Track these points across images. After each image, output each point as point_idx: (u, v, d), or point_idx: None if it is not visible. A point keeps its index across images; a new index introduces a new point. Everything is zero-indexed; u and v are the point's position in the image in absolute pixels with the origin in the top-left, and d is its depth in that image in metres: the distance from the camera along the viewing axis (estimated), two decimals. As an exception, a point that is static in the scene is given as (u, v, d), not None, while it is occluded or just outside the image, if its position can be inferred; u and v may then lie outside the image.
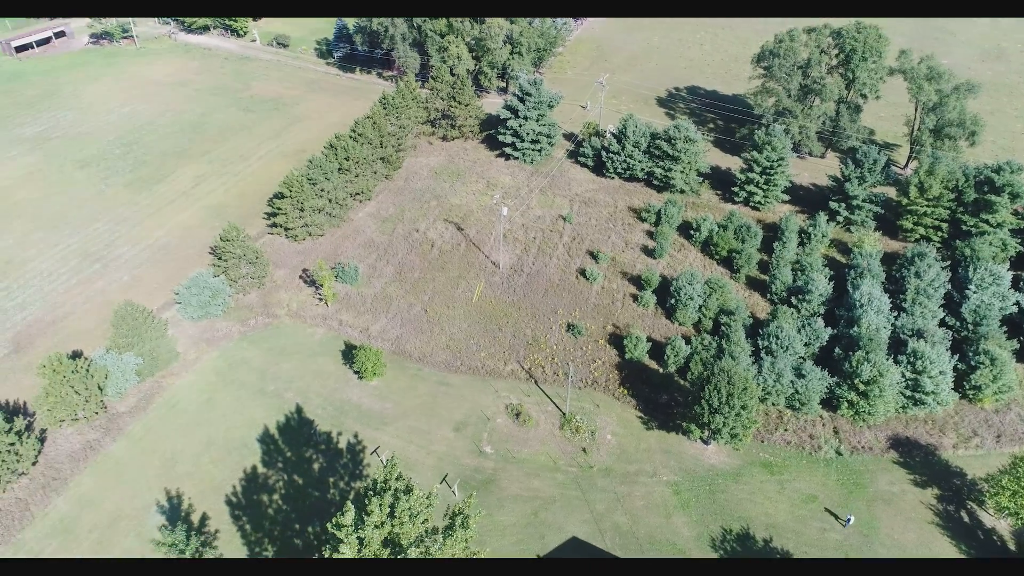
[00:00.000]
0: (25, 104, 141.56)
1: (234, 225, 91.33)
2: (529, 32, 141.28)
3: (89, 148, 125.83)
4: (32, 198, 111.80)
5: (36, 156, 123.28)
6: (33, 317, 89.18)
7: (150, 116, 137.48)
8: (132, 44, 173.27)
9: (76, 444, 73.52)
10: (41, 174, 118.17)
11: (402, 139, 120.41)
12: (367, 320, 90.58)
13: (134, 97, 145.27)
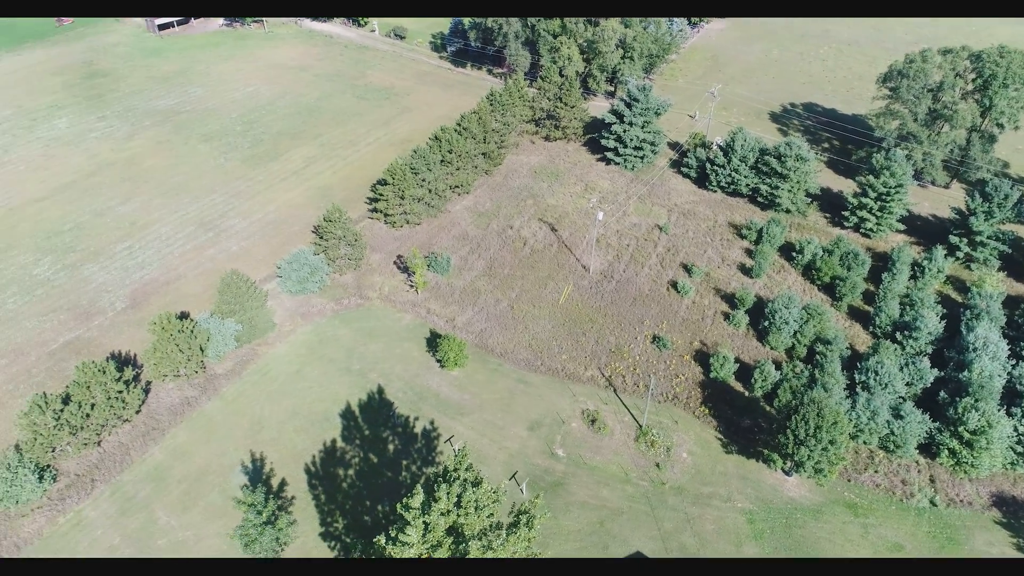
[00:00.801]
0: (161, 79, 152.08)
1: (337, 207, 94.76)
2: (643, 37, 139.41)
3: (213, 124, 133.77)
4: (159, 166, 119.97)
5: (166, 127, 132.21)
6: (150, 277, 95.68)
7: (271, 97, 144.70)
8: (261, 28, 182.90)
9: (175, 399, 78.39)
10: (169, 144, 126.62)
11: (505, 136, 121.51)
12: (454, 311, 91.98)
13: (258, 78, 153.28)
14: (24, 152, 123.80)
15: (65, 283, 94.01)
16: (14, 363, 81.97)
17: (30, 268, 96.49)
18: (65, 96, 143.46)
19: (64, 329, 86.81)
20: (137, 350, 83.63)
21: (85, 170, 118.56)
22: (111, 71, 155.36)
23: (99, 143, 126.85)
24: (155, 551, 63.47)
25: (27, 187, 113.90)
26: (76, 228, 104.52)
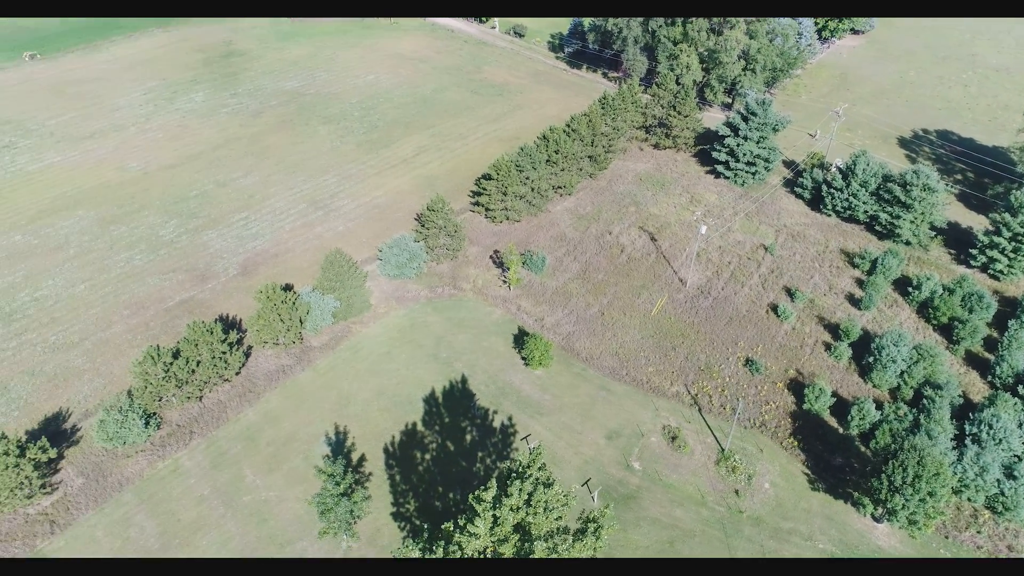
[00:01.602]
0: (291, 62, 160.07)
1: (441, 197, 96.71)
2: (767, 50, 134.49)
3: (334, 107, 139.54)
4: (280, 144, 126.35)
5: (291, 108, 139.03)
6: (261, 247, 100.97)
7: (389, 86, 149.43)
8: (387, 19, 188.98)
9: (272, 365, 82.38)
10: (292, 124, 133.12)
11: (614, 141, 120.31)
12: (544, 310, 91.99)
13: (379, 67, 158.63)
14: (163, 121, 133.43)
15: (186, 246, 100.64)
16: (135, 315, 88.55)
17: (157, 229, 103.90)
18: (204, 72, 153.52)
19: (181, 289, 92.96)
20: (243, 315, 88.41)
21: (214, 142, 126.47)
22: (247, 51, 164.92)
23: (229, 118, 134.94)
24: (239, 507, 66.95)
25: (162, 154, 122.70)
26: (200, 196, 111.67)
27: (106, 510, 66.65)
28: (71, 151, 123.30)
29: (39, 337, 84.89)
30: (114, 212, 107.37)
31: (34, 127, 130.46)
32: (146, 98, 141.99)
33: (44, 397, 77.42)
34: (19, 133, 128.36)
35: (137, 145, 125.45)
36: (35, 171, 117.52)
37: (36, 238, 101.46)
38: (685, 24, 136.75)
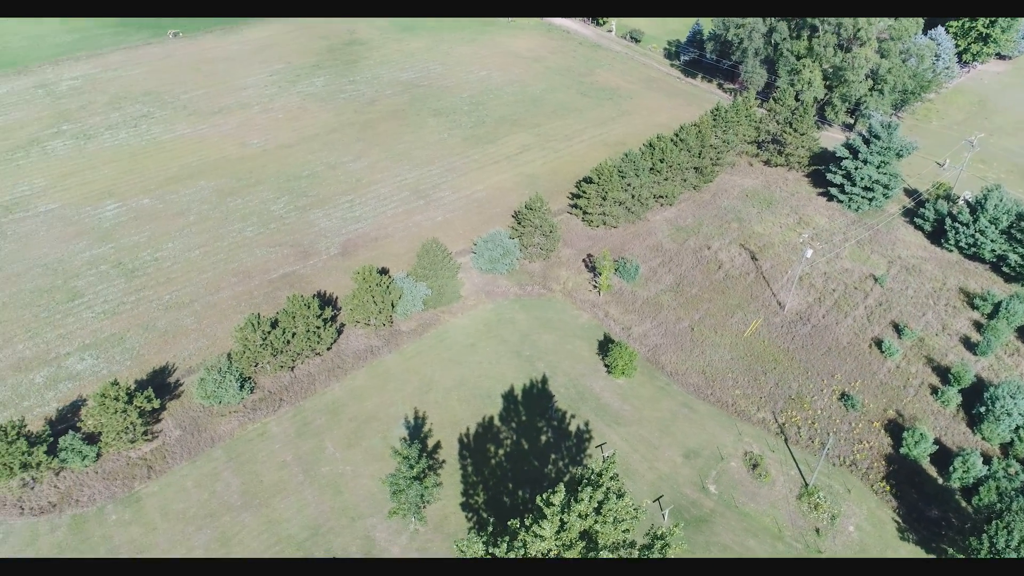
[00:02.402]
0: (408, 53, 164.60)
1: (540, 197, 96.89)
2: (899, 70, 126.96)
3: (445, 101, 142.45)
4: (390, 132, 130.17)
5: (404, 98, 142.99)
6: (363, 230, 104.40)
7: (500, 83, 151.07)
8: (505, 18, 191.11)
9: (361, 345, 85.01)
10: (403, 114, 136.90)
11: (723, 154, 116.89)
12: (632, 320, 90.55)
13: (493, 64, 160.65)
14: (285, 102, 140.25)
15: (294, 223, 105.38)
16: (241, 283, 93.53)
17: (269, 204, 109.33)
18: (326, 58, 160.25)
19: (285, 262, 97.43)
20: (339, 294, 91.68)
21: (329, 126, 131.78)
22: (367, 41, 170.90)
23: (345, 104, 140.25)
24: (318, 476, 69.49)
25: (281, 133, 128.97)
26: (311, 176, 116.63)
27: (198, 463, 70.75)
28: (200, 124, 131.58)
29: (155, 295, 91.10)
30: (232, 185, 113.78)
31: (170, 100, 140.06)
32: (271, 80, 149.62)
33: (154, 351, 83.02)
34: (157, 104, 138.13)
35: (259, 124, 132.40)
36: (166, 140, 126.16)
37: (162, 203, 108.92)
38: (811, 38, 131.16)
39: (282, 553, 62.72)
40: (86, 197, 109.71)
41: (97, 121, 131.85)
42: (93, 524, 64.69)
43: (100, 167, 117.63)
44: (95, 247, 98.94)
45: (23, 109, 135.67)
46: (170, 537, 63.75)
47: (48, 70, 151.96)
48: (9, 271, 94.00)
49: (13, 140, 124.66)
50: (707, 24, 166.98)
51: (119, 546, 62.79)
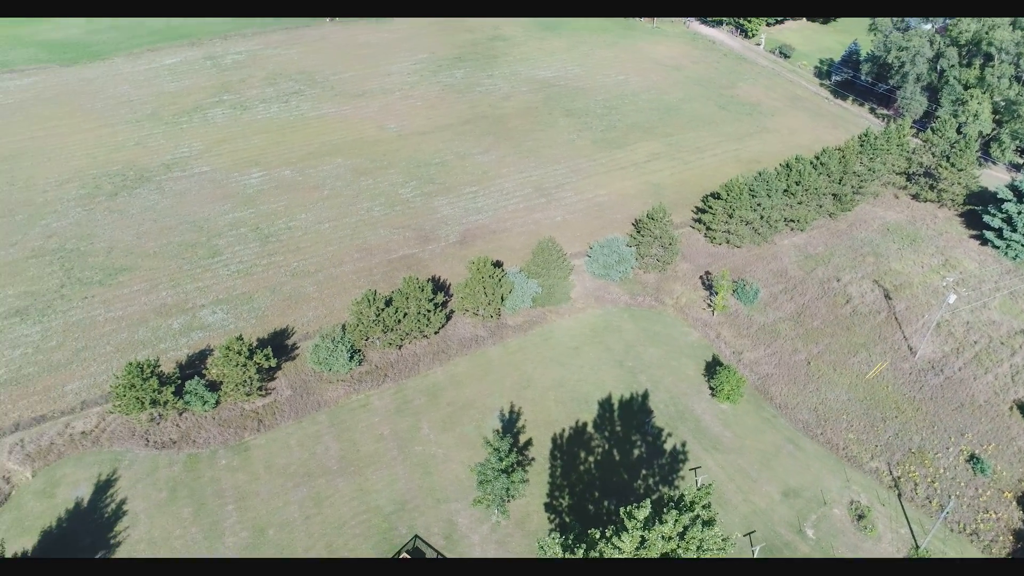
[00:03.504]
0: (548, 52, 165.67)
1: (663, 207, 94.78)
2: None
3: (579, 102, 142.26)
4: (521, 128, 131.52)
5: (538, 96, 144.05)
6: (482, 221, 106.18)
7: (636, 89, 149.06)
8: (649, 22, 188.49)
9: (467, 333, 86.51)
10: (535, 112, 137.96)
11: (866, 182, 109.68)
12: (745, 344, 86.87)
13: (631, 69, 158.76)
14: (424, 91, 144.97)
15: (419, 207, 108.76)
16: (363, 259, 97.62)
17: (398, 187, 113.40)
18: (469, 51, 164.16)
19: (406, 244, 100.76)
20: (452, 281, 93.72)
21: (463, 117, 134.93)
22: (510, 37, 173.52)
23: (481, 97, 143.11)
24: (410, 454, 71.42)
25: (417, 120, 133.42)
26: (441, 164, 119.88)
27: (303, 423, 74.57)
28: (344, 105, 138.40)
29: (284, 261, 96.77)
30: (366, 165, 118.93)
31: (320, 80, 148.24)
32: (415, 68, 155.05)
33: (277, 313, 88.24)
34: (308, 83, 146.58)
35: (398, 109, 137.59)
36: (312, 118, 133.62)
37: (301, 176, 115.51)
38: (983, 67, 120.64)
39: (369, 522, 64.94)
40: (235, 163, 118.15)
41: (253, 94, 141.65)
42: (205, 465, 69.65)
43: (251, 137, 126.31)
44: (238, 210, 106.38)
45: (192, 78, 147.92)
46: (270, 489, 67.56)
47: (217, 44, 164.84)
48: (163, 224, 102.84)
49: (180, 105, 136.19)
50: (865, 44, 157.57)
51: (225, 489, 67.26)
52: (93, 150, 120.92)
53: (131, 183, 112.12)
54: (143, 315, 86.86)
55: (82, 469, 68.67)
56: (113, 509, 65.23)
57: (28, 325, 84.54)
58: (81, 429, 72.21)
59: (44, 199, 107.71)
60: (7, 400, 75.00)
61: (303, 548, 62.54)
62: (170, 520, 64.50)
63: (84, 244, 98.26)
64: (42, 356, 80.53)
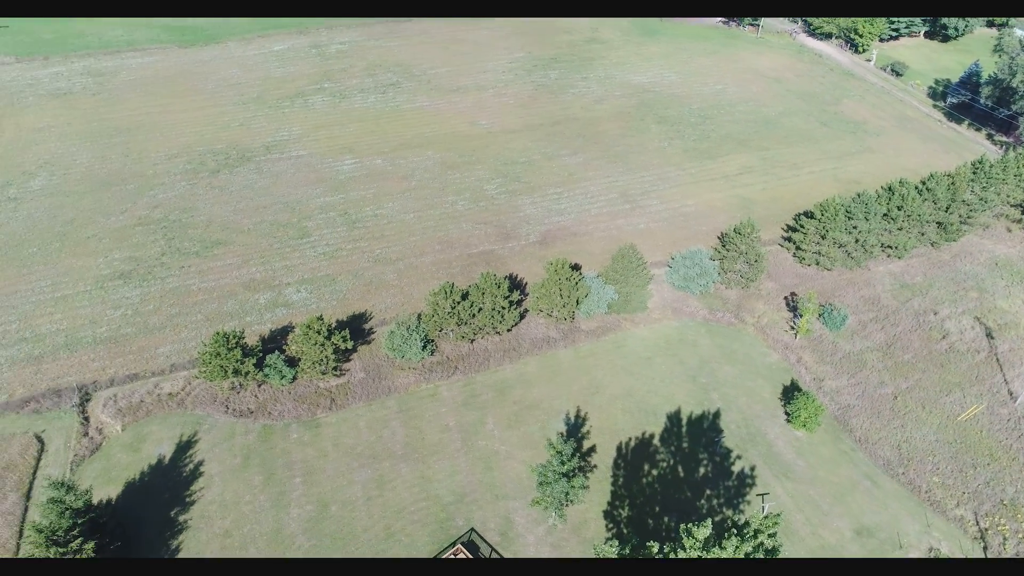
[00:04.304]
0: (645, 57, 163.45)
1: (752, 222, 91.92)
2: None
3: (673, 109, 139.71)
4: (611, 132, 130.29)
5: (631, 101, 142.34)
6: (564, 223, 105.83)
7: (734, 100, 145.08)
8: (754, 32, 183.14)
9: (539, 333, 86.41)
10: (627, 116, 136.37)
11: (976, 212, 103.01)
12: (827, 371, 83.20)
13: (730, 79, 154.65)
14: (518, 89, 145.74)
15: (502, 205, 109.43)
16: (443, 252, 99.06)
17: (483, 183, 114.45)
18: (565, 52, 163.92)
19: (486, 240, 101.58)
20: (529, 280, 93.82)
21: (554, 118, 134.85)
22: (608, 41, 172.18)
23: (574, 99, 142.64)
24: (474, 448, 71.97)
25: (508, 118, 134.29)
26: (527, 163, 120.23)
27: (373, 407, 76.35)
28: (438, 100, 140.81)
29: (368, 247, 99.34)
30: (455, 159, 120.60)
31: (417, 73, 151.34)
32: (510, 67, 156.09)
33: (357, 297, 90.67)
34: (405, 76, 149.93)
35: (490, 106, 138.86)
36: (407, 110, 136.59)
37: (391, 165, 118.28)
38: None
39: (427, 509, 65.83)
40: (330, 149, 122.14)
41: (353, 84, 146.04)
42: (278, 437, 72.36)
43: (347, 125, 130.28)
44: (328, 195, 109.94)
45: (297, 65, 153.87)
46: (336, 466, 69.51)
47: (323, 33, 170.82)
48: (258, 202, 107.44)
49: (284, 91, 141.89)
50: (988, 65, 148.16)
51: (294, 462, 69.67)
52: (201, 128, 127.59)
53: (233, 162, 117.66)
54: (233, 288, 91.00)
55: (166, 428, 72.63)
56: (191, 469, 68.67)
57: (130, 288, 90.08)
58: (168, 390, 76.37)
59: (154, 171, 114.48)
60: (106, 356, 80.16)
61: (362, 527, 64.04)
62: (241, 486, 67.33)
63: (186, 216, 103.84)
64: (140, 318, 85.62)
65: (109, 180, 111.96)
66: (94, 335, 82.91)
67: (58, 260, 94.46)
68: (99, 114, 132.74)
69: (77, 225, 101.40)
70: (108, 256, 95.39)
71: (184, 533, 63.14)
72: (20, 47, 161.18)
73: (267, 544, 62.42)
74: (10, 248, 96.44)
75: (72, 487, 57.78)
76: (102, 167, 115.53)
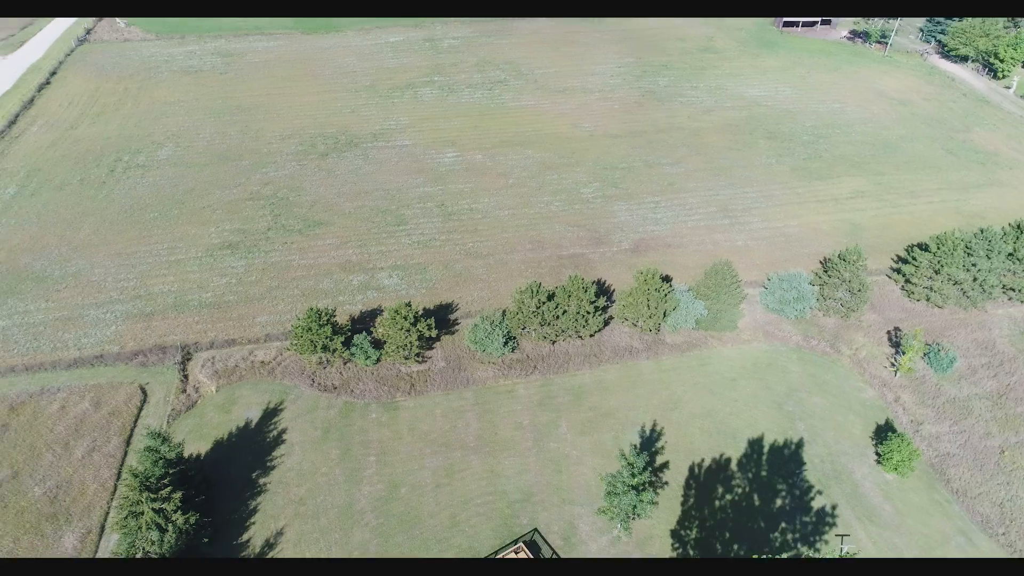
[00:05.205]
0: (760, 70, 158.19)
1: (859, 250, 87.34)
2: None
3: (784, 125, 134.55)
4: (717, 145, 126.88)
5: (741, 114, 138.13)
6: (658, 233, 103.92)
7: (852, 120, 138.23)
8: (880, 50, 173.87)
9: (622, 342, 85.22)
10: (735, 130, 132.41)
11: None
12: (927, 415, 78.02)
13: (849, 97, 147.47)
14: (624, 94, 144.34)
15: (597, 209, 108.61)
16: (534, 251, 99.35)
17: (580, 186, 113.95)
18: (677, 60, 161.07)
19: (578, 243, 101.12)
20: (616, 287, 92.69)
21: (659, 125, 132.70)
22: (723, 51, 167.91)
23: (681, 108, 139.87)
24: (544, 449, 71.80)
25: (612, 123, 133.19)
26: (627, 169, 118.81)
27: (450, 396, 77.52)
28: (543, 99, 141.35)
29: (461, 240, 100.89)
30: (553, 160, 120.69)
31: (525, 72, 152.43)
32: (618, 71, 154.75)
33: (445, 288, 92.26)
34: (513, 74, 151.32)
35: (594, 109, 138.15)
36: (512, 108, 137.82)
37: (491, 161, 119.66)
38: None
39: (493, 504, 66.21)
40: (433, 142, 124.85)
41: (462, 79, 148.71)
42: (357, 415, 74.64)
43: (452, 119, 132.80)
44: (428, 186, 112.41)
45: (410, 57, 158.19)
46: (410, 450, 71.01)
47: (438, 27, 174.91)
48: (361, 187, 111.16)
49: (396, 81, 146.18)
50: None
51: (371, 441, 71.67)
52: (314, 112, 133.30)
53: (341, 146, 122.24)
54: (329, 267, 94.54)
55: (256, 394, 76.32)
56: (275, 435, 71.89)
57: (236, 258, 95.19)
58: (261, 358, 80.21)
59: (268, 150, 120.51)
60: (208, 320, 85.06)
61: (428, 513, 65.13)
62: (319, 457, 69.89)
63: (293, 195, 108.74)
64: (242, 288, 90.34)
65: (227, 155, 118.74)
66: (200, 299, 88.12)
67: (175, 226, 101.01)
68: (224, 92, 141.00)
69: (195, 195, 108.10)
70: (219, 226, 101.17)
71: (262, 495, 66.16)
72: (160, 25, 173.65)
73: (337, 517, 64.51)
74: (135, 212, 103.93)
75: (167, 438, 61.70)
76: (222, 142, 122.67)
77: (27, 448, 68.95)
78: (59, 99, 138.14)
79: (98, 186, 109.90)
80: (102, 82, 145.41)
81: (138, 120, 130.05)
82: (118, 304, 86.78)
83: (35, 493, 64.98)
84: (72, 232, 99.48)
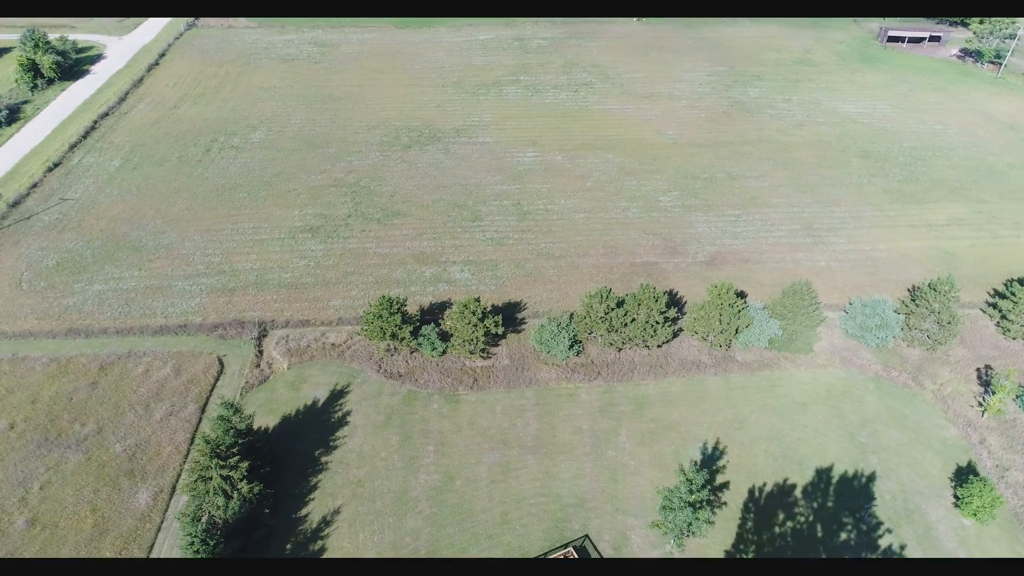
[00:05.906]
0: (859, 85, 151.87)
1: (952, 280, 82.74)
2: None
3: (880, 144, 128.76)
4: (805, 161, 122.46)
5: (833, 130, 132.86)
6: (736, 248, 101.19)
7: (954, 143, 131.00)
8: (993, 71, 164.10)
9: (690, 355, 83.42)
10: (826, 145, 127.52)
11: None
12: (1015, 461, 73.17)
13: (953, 119, 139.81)
14: (712, 103, 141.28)
15: (674, 218, 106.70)
16: (606, 256, 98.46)
17: (659, 194, 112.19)
18: (771, 71, 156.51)
19: (652, 252, 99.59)
20: (689, 299, 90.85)
21: (745, 137, 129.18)
22: (820, 64, 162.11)
23: (771, 120, 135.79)
24: (602, 456, 71.08)
25: (697, 132, 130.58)
26: (709, 180, 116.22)
27: (511, 395, 77.75)
28: (628, 105, 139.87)
29: (534, 239, 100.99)
30: (634, 166, 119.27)
31: (612, 76, 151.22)
32: (708, 79, 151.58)
33: (515, 286, 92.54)
34: (600, 77, 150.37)
35: (680, 117, 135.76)
36: (596, 111, 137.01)
37: (570, 163, 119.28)
38: None
39: (546, 506, 66.03)
40: (515, 140, 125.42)
41: (547, 79, 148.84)
42: (420, 404, 75.83)
43: (535, 118, 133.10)
44: (506, 184, 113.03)
45: (498, 55, 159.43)
46: (468, 444, 71.63)
47: (528, 27, 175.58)
48: (441, 181, 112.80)
49: (482, 78, 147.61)
50: None
51: (431, 431, 72.68)
52: (401, 105, 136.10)
53: (424, 140, 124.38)
54: (404, 258, 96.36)
55: (325, 375, 78.61)
56: (339, 416, 73.85)
57: (316, 242, 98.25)
58: (332, 341, 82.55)
59: (354, 139, 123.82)
60: (285, 300, 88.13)
61: (481, 508, 65.53)
62: (380, 442, 71.38)
63: (374, 184, 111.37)
64: (319, 271, 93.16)
65: (315, 141, 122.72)
66: (279, 279, 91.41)
67: (262, 207, 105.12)
68: (317, 81, 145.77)
69: (282, 178, 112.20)
70: (303, 210, 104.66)
71: (323, 473, 68.10)
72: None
73: (392, 501, 65.73)
74: (226, 191, 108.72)
75: (239, 409, 64.31)
76: (311, 129, 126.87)
77: (112, 406, 73.20)
78: (165, 80, 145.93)
79: (194, 164, 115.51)
80: (205, 65, 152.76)
81: (235, 103, 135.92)
82: (204, 277, 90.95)
83: (116, 449, 68.90)
84: (167, 206, 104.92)
